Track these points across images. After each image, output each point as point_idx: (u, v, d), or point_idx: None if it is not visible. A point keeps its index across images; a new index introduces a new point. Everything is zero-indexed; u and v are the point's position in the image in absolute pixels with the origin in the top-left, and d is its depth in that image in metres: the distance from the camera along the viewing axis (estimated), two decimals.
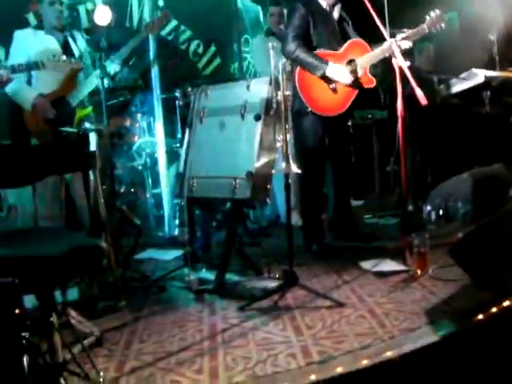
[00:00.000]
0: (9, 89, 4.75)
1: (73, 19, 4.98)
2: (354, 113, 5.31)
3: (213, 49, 7.67)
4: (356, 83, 4.84)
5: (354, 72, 4.81)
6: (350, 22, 5.16)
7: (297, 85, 4.78)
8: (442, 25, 4.71)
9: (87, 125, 4.89)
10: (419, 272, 4.21)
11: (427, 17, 4.70)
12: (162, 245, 5.56)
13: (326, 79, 4.80)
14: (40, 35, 4.90)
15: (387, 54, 4.61)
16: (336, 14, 5.06)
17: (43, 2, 4.86)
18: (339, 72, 4.77)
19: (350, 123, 5.28)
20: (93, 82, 4.90)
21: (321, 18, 4.95)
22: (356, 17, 5.12)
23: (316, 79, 4.79)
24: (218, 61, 7.73)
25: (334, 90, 4.85)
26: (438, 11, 4.72)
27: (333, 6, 5.04)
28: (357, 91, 4.89)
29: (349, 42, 4.95)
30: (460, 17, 8.49)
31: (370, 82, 4.88)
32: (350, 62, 4.84)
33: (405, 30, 4.90)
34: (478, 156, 6.68)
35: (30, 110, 4.77)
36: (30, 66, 4.29)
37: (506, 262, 3.52)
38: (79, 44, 5.01)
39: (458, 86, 6.63)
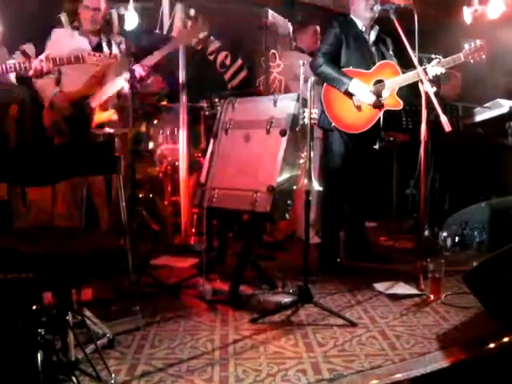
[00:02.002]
0: (38, 84, 4.81)
1: (106, 24, 5.03)
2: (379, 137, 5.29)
3: (240, 61, 7.71)
4: (380, 104, 4.86)
5: (378, 92, 4.83)
6: (390, 46, 5.17)
7: (322, 101, 4.82)
8: (483, 56, 4.68)
9: (107, 129, 4.94)
10: (432, 297, 4.22)
11: (466, 46, 4.70)
12: (178, 252, 5.58)
13: (350, 96, 4.84)
14: (75, 35, 4.97)
15: (416, 79, 4.62)
16: (372, 37, 5.10)
17: (81, 5, 4.92)
18: (361, 89, 4.80)
19: (377, 146, 5.26)
20: (118, 83, 4.95)
21: (355, 39, 5.00)
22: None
23: (341, 96, 4.83)
24: (244, 73, 7.77)
25: (359, 108, 4.87)
26: (478, 42, 4.71)
27: (370, 28, 5.09)
28: (381, 112, 4.91)
29: (380, 62, 4.98)
30: (487, 45, 8.50)
31: (397, 105, 4.89)
32: (378, 81, 4.87)
33: (433, 55, 4.93)
34: (497, 186, 6.69)
35: (48, 106, 4.82)
36: (71, 60, 4.34)
37: None
38: (112, 48, 5.07)
39: (482, 115, 6.65)
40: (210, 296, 4.25)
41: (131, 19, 5.69)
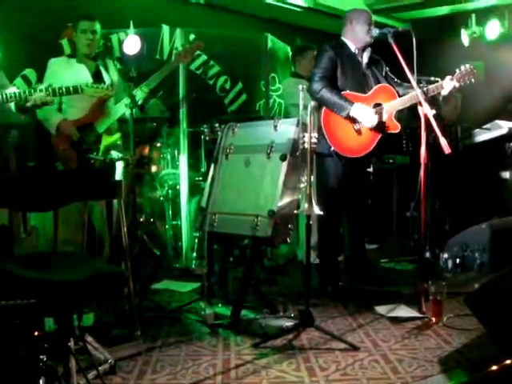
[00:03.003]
0: (40, 114, 4.85)
1: (105, 48, 5.07)
2: (374, 158, 5.32)
3: (240, 85, 7.77)
4: (380, 127, 4.88)
5: (379, 115, 4.86)
6: (383, 67, 5.20)
7: (322, 125, 4.81)
8: (472, 79, 4.81)
9: (114, 153, 4.97)
10: (434, 320, 4.22)
11: (457, 70, 4.78)
12: (179, 276, 5.57)
13: (351, 120, 4.85)
14: (72, 63, 5.02)
15: (415, 102, 4.66)
16: (365, 59, 5.11)
17: (78, 29, 4.97)
18: (364, 113, 4.80)
19: (371, 169, 5.29)
20: (121, 109, 4.99)
21: (348, 62, 5.01)
22: (386, 62, 5.19)
23: (341, 120, 4.83)
24: (244, 97, 7.83)
25: (359, 132, 4.88)
26: (468, 65, 4.79)
27: (362, 51, 5.10)
28: (380, 134, 4.92)
29: (377, 86, 5.01)
30: (486, 67, 8.56)
31: (395, 128, 4.92)
32: (377, 105, 4.89)
33: (432, 78, 4.97)
34: (498, 207, 6.70)
35: (55, 134, 4.86)
36: (70, 91, 4.38)
37: None
38: (111, 73, 5.11)
39: (481, 136, 6.67)
40: (211, 320, 4.23)
41: (132, 44, 5.73)
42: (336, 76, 4.95)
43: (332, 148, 4.80)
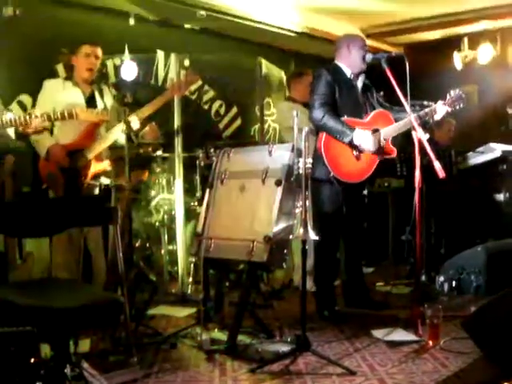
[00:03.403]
0: (32, 137, 4.84)
1: (101, 73, 5.09)
2: (368, 182, 5.35)
3: (234, 110, 7.80)
4: (379, 151, 4.92)
5: (378, 140, 4.88)
6: (374, 92, 5.25)
7: (322, 151, 4.79)
8: (462, 105, 4.90)
9: (105, 179, 4.97)
10: (431, 343, 4.21)
11: (448, 95, 4.85)
12: (175, 302, 5.56)
13: (351, 146, 4.86)
14: (67, 86, 5.03)
15: (409, 127, 4.69)
16: (360, 83, 5.15)
17: (79, 53, 4.98)
18: (365, 139, 4.81)
19: (365, 192, 5.32)
20: (113, 136, 5.01)
21: (345, 87, 5.03)
22: (379, 86, 5.23)
23: (341, 146, 4.83)
24: (238, 122, 7.86)
25: (358, 158, 4.90)
26: (458, 91, 4.86)
27: (357, 76, 5.13)
28: (378, 160, 4.96)
29: (375, 112, 5.05)
30: (479, 90, 8.64)
31: (392, 152, 4.98)
32: (375, 131, 4.91)
33: (425, 102, 5.01)
34: (493, 229, 6.72)
35: (44, 157, 4.86)
36: (65, 116, 4.38)
37: None
38: (105, 98, 5.12)
39: (475, 159, 6.72)
40: (207, 346, 4.22)
41: (128, 70, 5.76)
42: (335, 101, 4.97)
43: (332, 174, 4.80)
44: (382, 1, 7.34)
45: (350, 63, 5.09)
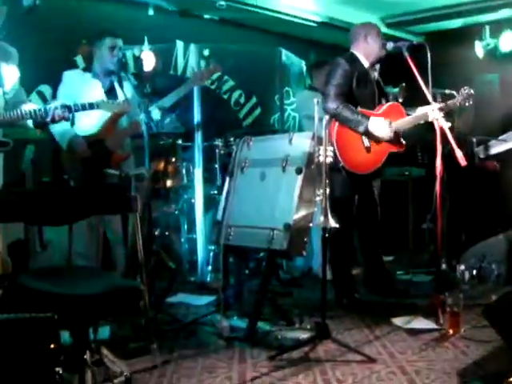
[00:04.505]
0: (53, 128, 4.85)
1: (120, 64, 5.09)
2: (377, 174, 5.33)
3: (254, 99, 7.79)
4: (392, 143, 4.93)
5: (391, 133, 4.88)
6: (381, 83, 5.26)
7: (334, 140, 4.77)
8: (471, 102, 4.89)
9: (127, 168, 4.98)
10: (451, 331, 4.19)
11: (459, 93, 4.87)
12: (194, 290, 5.59)
13: (365, 135, 4.86)
14: (87, 78, 5.02)
15: (421, 121, 4.73)
16: (376, 74, 5.16)
17: (102, 45, 4.96)
18: (381, 126, 4.81)
19: (379, 183, 5.31)
20: (135, 127, 5.00)
21: (362, 77, 5.02)
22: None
23: (352, 137, 4.84)
24: (258, 111, 7.84)
25: (368, 150, 4.91)
26: (468, 89, 4.87)
27: (372, 66, 5.13)
28: (387, 153, 4.97)
29: (388, 104, 5.07)
30: (501, 79, 8.55)
31: (402, 147, 5.02)
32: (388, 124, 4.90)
33: (447, 91, 4.99)
34: None
35: (66, 149, 4.87)
36: (86, 107, 4.38)
37: None
38: (125, 89, 5.11)
39: (496, 148, 6.65)
40: (227, 333, 4.24)
41: (148, 60, 5.76)
42: (351, 91, 4.95)
43: (341, 164, 4.78)
44: None
45: (367, 52, 5.09)
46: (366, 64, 5.10)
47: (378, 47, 5.05)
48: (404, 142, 5.01)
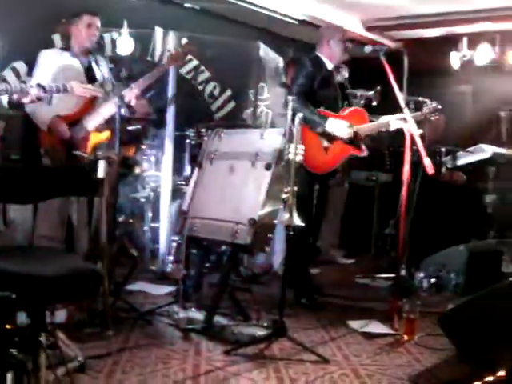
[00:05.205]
0: (29, 108, 4.80)
1: (98, 45, 5.05)
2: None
3: (228, 93, 7.76)
4: (351, 145, 5.00)
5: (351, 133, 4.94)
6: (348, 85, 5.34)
7: None
8: (436, 117, 5.06)
9: (99, 151, 4.95)
10: (406, 337, 4.24)
11: (425, 105, 5.00)
12: (154, 279, 5.56)
13: (323, 136, 4.91)
14: (65, 57, 4.97)
15: (383, 128, 4.86)
16: (339, 77, 5.24)
17: (80, 22, 4.92)
18: (339, 127, 4.89)
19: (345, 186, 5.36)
20: (110, 108, 4.96)
21: (325, 79, 5.08)
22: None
23: (311, 136, 4.87)
24: (232, 105, 7.82)
25: (326, 150, 4.97)
26: (435, 103, 5.01)
27: (337, 69, 5.22)
28: (346, 155, 5.03)
29: (352, 108, 5.13)
30: (474, 91, 8.65)
31: (362, 151, 5.06)
32: (349, 126, 4.95)
33: (420, 99, 5.03)
34: (476, 230, 6.74)
35: (46, 130, 4.83)
36: (60, 89, 4.34)
37: (493, 338, 3.55)
38: (102, 70, 5.08)
39: (464, 159, 6.73)
40: (184, 324, 4.24)
41: (125, 44, 5.71)
42: (313, 92, 5.00)
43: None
44: None
45: (329, 55, 5.18)
46: (330, 66, 5.18)
47: (340, 51, 5.15)
48: (364, 146, 5.07)
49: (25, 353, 2.87)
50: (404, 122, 4.70)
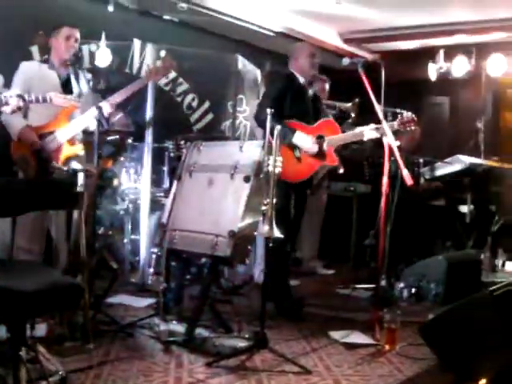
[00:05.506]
0: (3, 117, 4.78)
1: (76, 57, 5.04)
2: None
3: (207, 104, 7.76)
4: (320, 157, 5.02)
5: (319, 145, 4.98)
6: (322, 102, 5.43)
7: None
8: (412, 127, 5.02)
9: (76, 164, 4.91)
10: (387, 347, 4.25)
11: (399, 115, 4.98)
12: (134, 291, 5.53)
13: (292, 148, 4.96)
14: (43, 69, 4.97)
15: (356, 139, 4.93)
16: (311, 91, 5.32)
17: (59, 34, 4.91)
18: (304, 140, 4.95)
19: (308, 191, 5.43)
20: (86, 120, 4.94)
21: (297, 93, 5.16)
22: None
23: (282, 146, 4.89)
24: (210, 116, 7.82)
25: (299, 160, 5.01)
26: (410, 114, 4.99)
27: (309, 84, 5.30)
28: (319, 164, 5.07)
29: (323, 119, 5.19)
30: (450, 103, 8.72)
31: (334, 161, 5.13)
32: (319, 137, 5.01)
33: (397, 110, 5.07)
34: (454, 240, 6.79)
35: (16, 140, 4.80)
36: (39, 99, 4.33)
37: (473, 348, 3.58)
38: (81, 83, 5.05)
39: (441, 170, 6.79)
40: (165, 337, 4.22)
41: (103, 56, 5.72)
42: (283, 106, 5.03)
43: None
44: (362, 7, 7.37)
45: (299, 70, 5.26)
46: (302, 80, 5.25)
47: (308, 68, 5.25)
48: (338, 158, 5.13)
49: (5, 367, 2.86)
50: (377, 131, 4.76)
